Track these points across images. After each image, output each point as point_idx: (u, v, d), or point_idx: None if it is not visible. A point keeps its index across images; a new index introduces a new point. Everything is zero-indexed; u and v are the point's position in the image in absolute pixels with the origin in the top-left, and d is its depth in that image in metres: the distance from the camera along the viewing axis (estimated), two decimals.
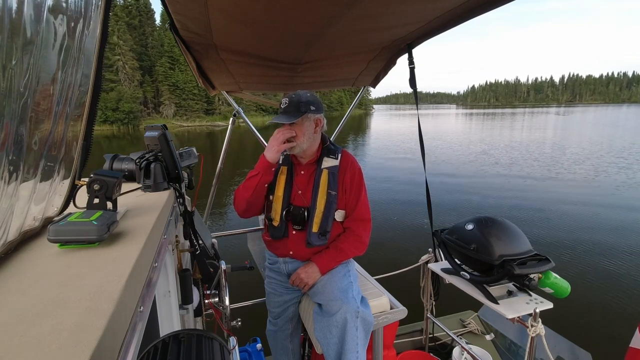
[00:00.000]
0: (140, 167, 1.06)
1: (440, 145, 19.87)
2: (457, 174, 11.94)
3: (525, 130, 30.32)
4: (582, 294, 4.34)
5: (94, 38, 0.92)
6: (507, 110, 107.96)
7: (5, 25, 0.56)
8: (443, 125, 41.80)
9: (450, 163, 14.01)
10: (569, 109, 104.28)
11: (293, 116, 1.49)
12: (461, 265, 1.72)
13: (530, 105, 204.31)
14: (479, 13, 1.40)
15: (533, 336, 1.43)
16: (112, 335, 0.49)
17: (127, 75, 50.65)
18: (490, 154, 16.07)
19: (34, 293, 0.57)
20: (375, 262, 4.67)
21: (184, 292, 1.25)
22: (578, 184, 10.29)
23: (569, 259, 5.31)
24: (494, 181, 10.74)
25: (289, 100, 1.52)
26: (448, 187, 9.96)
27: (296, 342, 1.88)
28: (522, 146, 18.82)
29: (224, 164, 2.63)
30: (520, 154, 15.86)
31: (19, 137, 0.66)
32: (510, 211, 7.68)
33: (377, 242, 5.97)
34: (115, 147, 19.40)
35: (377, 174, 12.07)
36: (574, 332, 3.36)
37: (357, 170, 1.66)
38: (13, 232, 0.72)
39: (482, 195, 9.21)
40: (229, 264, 1.66)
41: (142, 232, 0.83)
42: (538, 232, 6.39)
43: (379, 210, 7.84)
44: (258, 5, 1.22)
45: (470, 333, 2.59)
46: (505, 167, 12.95)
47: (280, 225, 1.64)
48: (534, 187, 9.87)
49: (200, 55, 1.83)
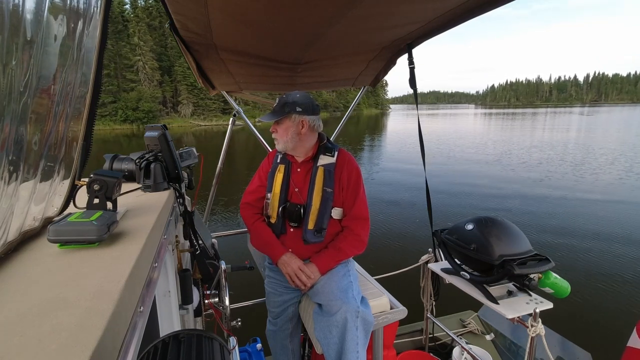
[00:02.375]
0: (140, 167, 1.06)
1: (462, 144, 19.26)
2: (479, 174, 11.70)
3: (547, 131, 29.45)
4: (582, 294, 4.34)
5: (94, 38, 0.92)
6: (528, 110, 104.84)
7: (5, 25, 0.56)
8: (462, 125, 40.87)
9: (475, 163, 13.70)
10: (594, 109, 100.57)
11: (276, 115, 1.59)
12: (461, 265, 1.72)
13: (552, 105, 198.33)
14: (479, 13, 1.40)
15: (533, 336, 1.43)
16: (112, 335, 0.49)
17: (147, 75, 51.50)
18: (513, 154, 15.67)
19: (34, 293, 0.57)
20: (375, 262, 4.67)
21: (184, 292, 1.25)
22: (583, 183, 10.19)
23: (569, 258, 5.31)
24: (517, 183, 10.35)
25: (278, 100, 1.62)
26: (474, 189, 9.72)
27: (296, 342, 1.88)
28: (548, 146, 18.31)
29: (224, 164, 2.63)
30: (547, 155, 15.41)
31: (19, 137, 0.66)
32: (544, 219, 7.23)
33: (378, 242, 5.98)
34: (135, 145, 19.55)
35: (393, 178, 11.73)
36: (574, 332, 3.36)
37: (355, 168, 1.66)
38: (13, 232, 0.72)
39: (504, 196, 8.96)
40: (229, 264, 1.66)
41: (142, 232, 0.83)
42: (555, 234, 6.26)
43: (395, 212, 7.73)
44: (258, 5, 1.22)
45: (470, 333, 2.59)
46: (529, 168, 12.58)
47: (277, 222, 1.67)
48: (559, 194, 9.40)
49: (200, 55, 1.83)
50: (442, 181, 10.66)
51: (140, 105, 46.74)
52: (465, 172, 12.42)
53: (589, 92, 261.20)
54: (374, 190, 9.87)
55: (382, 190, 9.90)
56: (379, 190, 9.85)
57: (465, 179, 11.09)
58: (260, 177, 1.78)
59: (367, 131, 32.21)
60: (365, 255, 1.69)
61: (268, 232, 1.69)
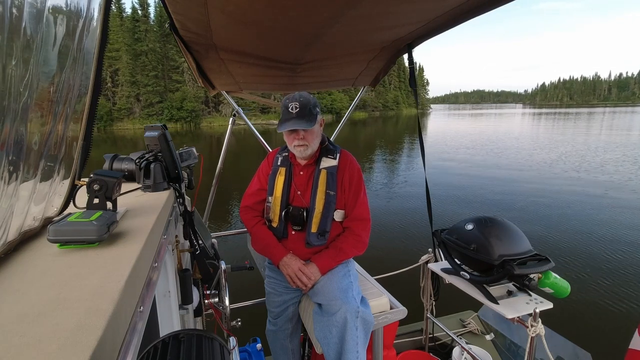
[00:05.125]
0: (140, 167, 1.07)
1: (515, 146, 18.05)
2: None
3: (605, 132, 26.43)
4: (582, 294, 4.34)
5: (94, 38, 0.92)
6: (582, 109, 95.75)
7: (5, 25, 0.56)
8: (509, 125, 38.13)
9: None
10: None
11: (309, 122, 1.50)
12: (461, 265, 1.72)
13: (611, 104, 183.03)
14: (479, 13, 1.40)
15: (533, 336, 1.43)
16: (112, 335, 0.49)
17: (191, 76, 52.43)
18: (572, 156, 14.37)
19: (34, 293, 0.57)
20: (375, 262, 4.67)
21: (184, 292, 1.25)
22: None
23: (569, 259, 5.31)
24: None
25: (300, 105, 1.51)
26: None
27: (296, 342, 1.88)
28: (619, 148, 16.61)
29: (224, 164, 2.63)
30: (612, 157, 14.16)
31: (19, 137, 0.66)
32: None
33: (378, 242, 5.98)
34: (178, 143, 20.69)
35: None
36: (574, 332, 3.36)
37: (356, 169, 1.66)
38: (13, 232, 0.72)
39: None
40: (229, 264, 1.66)
41: (142, 232, 0.83)
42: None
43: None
44: (258, 5, 1.22)
45: (470, 333, 2.59)
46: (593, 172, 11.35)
47: (279, 225, 1.65)
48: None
49: (200, 55, 1.83)
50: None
51: (184, 104, 48.57)
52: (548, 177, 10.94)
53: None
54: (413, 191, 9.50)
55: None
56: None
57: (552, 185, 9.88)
58: (260, 180, 1.77)
59: (407, 131, 30.94)
60: (366, 255, 1.69)
61: (269, 235, 1.69)
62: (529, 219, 7.09)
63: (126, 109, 48.60)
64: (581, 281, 4.66)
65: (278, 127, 1.56)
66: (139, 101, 49.62)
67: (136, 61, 49.29)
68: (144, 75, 49.38)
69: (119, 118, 47.68)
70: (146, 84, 49.22)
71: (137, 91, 49.29)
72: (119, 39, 48.69)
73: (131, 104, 49.22)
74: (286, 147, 1.75)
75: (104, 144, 27.42)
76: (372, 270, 2.09)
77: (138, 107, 49.58)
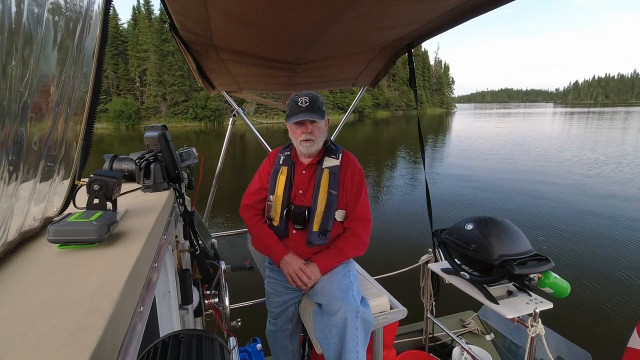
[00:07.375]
0: (140, 167, 1.06)
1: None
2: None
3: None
4: (582, 294, 4.34)
5: (94, 38, 0.92)
6: (619, 109, 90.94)
7: (5, 25, 0.56)
8: (541, 126, 35.38)
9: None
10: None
11: (318, 115, 1.54)
12: (461, 265, 1.72)
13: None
14: (479, 13, 1.40)
15: (533, 336, 1.43)
16: (112, 335, 0.49)
17: None
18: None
19: (34, 293, 0.57)
20: (375, 262, 4.67)
21: (184, 292, 1.25)
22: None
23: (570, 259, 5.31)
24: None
25: (310, 100, 1.55)
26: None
27: (296, 342, 1.88)
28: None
29: (224, 164, 2.63)
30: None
31: (19, 137, 0.66)
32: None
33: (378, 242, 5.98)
34: (202, 141, 20.36)
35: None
36: (574, 332, 3.37)
37: (358, 170, 1.67)
38: (13, 233, 0.72)
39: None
40: (229, 264, 1.66)
41: (142, 233, 0.83)
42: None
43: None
44: (258, 5, 1.22)
45: (470, 333, 2.59)
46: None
47: (280, 224, 1.66)
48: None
49: (200, 55, 1.83)
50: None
51: (208, 103, 48.80)
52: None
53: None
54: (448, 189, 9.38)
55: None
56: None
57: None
58: (261, 179, 1.77)
59: (430, 131, 29.43)
60: (366, 255, 1.69)
61: (270, 234, 1.69)
62: (529, 219, 7.11)
63: (153, 107, 49.14)
64: (581, 281, 4.66)
65: (287, 120, 1.59)
66: (165, 100, 50.03)
67: (163, 61, 49.51)
68: (171, 75, 49.61)
69: (146, 117, 48.18)
70: (172, 83, 49.49)
71: (163, 90, 49.67)
72: (148, 40, 49.06)
73: (158, 103, 49.69)
74: (288, 147, 1.75)
75: (132, 142, 27.70)
76: (372, 270, 2.09)
77: (164, 106, 49.98)
